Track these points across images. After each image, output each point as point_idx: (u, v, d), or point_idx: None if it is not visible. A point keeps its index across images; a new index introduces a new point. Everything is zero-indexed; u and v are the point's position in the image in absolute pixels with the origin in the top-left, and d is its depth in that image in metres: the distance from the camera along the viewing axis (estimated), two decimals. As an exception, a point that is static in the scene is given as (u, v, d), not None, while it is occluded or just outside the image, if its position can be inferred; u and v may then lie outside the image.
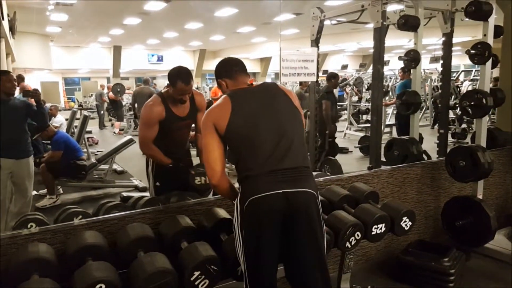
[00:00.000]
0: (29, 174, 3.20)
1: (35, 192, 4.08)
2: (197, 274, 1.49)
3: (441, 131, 3.56)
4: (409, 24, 3.06)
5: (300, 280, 1.51)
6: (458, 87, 9.81)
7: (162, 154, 2.23)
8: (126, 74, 19.11)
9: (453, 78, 10.09)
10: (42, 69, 14.73)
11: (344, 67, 13.98)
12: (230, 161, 3.84)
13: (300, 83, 6.49)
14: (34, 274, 1.38)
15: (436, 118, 8.49)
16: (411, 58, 3.24)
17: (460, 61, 16.56)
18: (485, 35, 2.64)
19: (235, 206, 1.53)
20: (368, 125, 7.51)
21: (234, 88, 1.60)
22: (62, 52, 16.04)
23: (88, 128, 6.34)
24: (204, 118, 1.56)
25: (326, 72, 13.41)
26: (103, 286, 1.32)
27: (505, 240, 2.78)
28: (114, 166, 5.21)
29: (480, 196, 2.71)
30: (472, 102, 2.63)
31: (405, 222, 2.03)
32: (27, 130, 3.20)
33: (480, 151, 2.53)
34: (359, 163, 5.79)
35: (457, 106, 6.83)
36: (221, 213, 1.82)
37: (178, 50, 18.66)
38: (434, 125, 8.66)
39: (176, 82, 2.11)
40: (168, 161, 2.23)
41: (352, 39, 14.47)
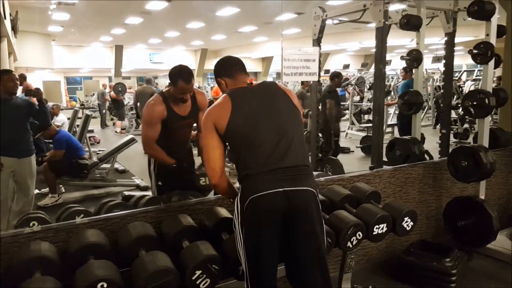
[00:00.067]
0: (31, 173, 3.21)
1: (37, 191, 4.09)
2: (198, 273, 1.49)
3: (443, 131, 3.56)
4: (411, 23, 3.05)
5: (300, 279, 1.50)
6: (460, 87, 9.78)
7: (165, 155, 2.21)
8: (127, 74, 19.15)
9: (455, 78, 10.07)
10: (44, 68, 14.77)
11: (346, 67, 13.97)
12: (231, 160, 3.84)
13: (302, 83, 6.49)
14: (36, 272, 1.38)
15: (438, 118, 8.48)
16: (413, 58, 3.23)
17: (462, 61, 16.51)
18: (487, 35, 2.63)
19: (235, 205, 1.53)
20: (369, 125, 7.51)
21: (233, 87, 1.60)
22: (64, 51, 16.08)
23: (90, 127, 6.35)
24: (204, 117, 1.55)
25: (328, 71, 13.39)
26: (105, 285, 1.32)
27: (507, 240, 2.77)
28: (116, 165, 5.22)
29: (482, 196, 2.70)
30: (474, 102, 2.63)
31: (406, 222, 2.03)
32: (29, 129, 3.22)
33: (482, 151, 2.52)
34: (361, 163, 5.78)
35: (459, 106, 6.83)
36: (222, 212, 1.82)
37: (180, 50, 18.68)
38: (436, 125, 8.64)
39: (177, 81, 2.11)
40: (171, 161, 2.21)
41: (354, 39, 14.45)
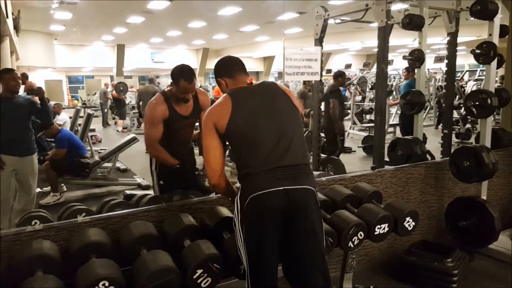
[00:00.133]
0: (33, 171, 3.22)
1: (39, 189, 4.10)
2: (199, 272, 1.49)
3: (445, 131, 3.54)
4: (413, 23, 3.04)
5: (299, 278, 1.51)
6: (463, 87, 9.75)
7: (168, 155, 2.19)
8: (129, 73, 19.17)
9: (457, 78, 10.03)
10: (46, 67, 14.82)
11: (347, 66, 13.93)
12: (232, 159, 3.85)
13: (303, 82, 6.48)
14: (38, 270, 1.39)
15: (440, 118, 8.45)
16: (416, 58, 3.22)
17: (464, 60, 16.48)
18: (490, 35, 2.62)
19: (236, 204, 1.54)
20: (371, 124, 7.50)
21: (233, 87, 1.60)
22: (66, 50, 16.12)
23: (91, 126, 6.35)
24: (204, 118, 1.56)
25: (329, 71, 13.35)
26: (106, 283, 1.32)
27: (509, 241, 2.76)
28: (118, 164, 5.23)
29: (484, 196, 2.69)
30: (476, 102, 2.62)
31: (408, 222, 2.03)
32: (31, 128, 3.22)
33: (484, 152, 2.52)
34: (362, 163, 5.77)
35: (461, 106, 6.82)
36: (223, 211, 1.82)
37: (181, 49, 18.69)
38: (438, 125, 8.62)
39: (179, 80, 2.10)
40: (175, 162, 2.19)
41: (356, 38, 14.43)
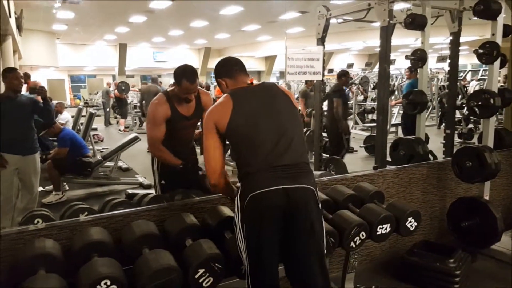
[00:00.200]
0: (35, 170, 3.23)
1: (41, 188, 4.12)
2: (201, 271, 1.49)
3: (447, 131, 3.53)
4: (416, 23, 3.03)
5: (299, 277, 1.51)
6: (465, 87, 9.72)
7: (171, 155, 2.18)
8: (131, 72, 19.20)
9: (460, 78, 10.00)
10: (48, 66, 14.85)
11: (349, 66, 13.88)
12: (233, 159, 3.84)
13: (305, 82, 6.47)
14: (40, 269, 1.39)
15: (442, 118, 8.43)
16: (418, 57, 3.22)
17: (467, 60, 16.43)
18: (493, 34, 2.61)
19: (236, 203, 1.54)
20: (373, 124, 7.48)
21: (234, 87, 1.61)
22: (68, 49, 16.15)
23: (93, 125, 6.38)
24: (205, 117, 1.57)
25: (331, 70, 13.31)
26: (108, 282, 1.33)
27: (511, 242, 2.75)
28: (120, 163, 5.24)
29: (486, 197, 2.68)
30: (479, 102, 2.61)
31: (410, 222, 2.02)
32: (34, 127, 3.23)
33: (487, 152, 2.51)
34: (364, 163, 5.76)
35: (464, 106, 6.79)
36: (225, 211, 1.82)
37: (183, 48, 18.70)
38: (440, 125, 8.60)
39: (181, 80, 2.10)
40: (178, 162, 2.17)
41: (358, 38, 14.39)
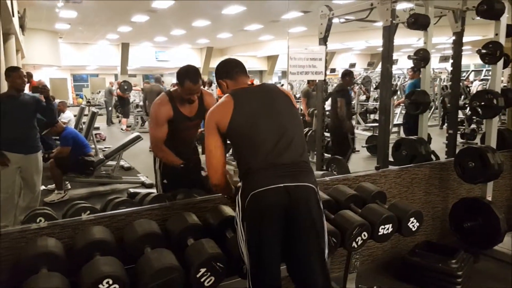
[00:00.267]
0: (37, 169, 3.24)
1: (44, 187, 4.13)
2: (203, 271, 1.49)
3: (450, 131, 3.52)
4: (419, 23, 3.02)
5: (300, 276, 1.51)
6: (468, 87, 9.69)
7: (173, 156, 2.18)
8: (133, 71, 19.23)
9: (462, 78, 9.97)
10: (51, 65, 14.89)
11: (352, 66, 13.88)
12: (235, 158, 3.84)
13: (307, 81, 6.46)
14: (43, 268, 1.39)
15: (445, 118, 8.40)
16: (421, 57, 3.20)
17: (470, 60, 16.36)
18: (496, 34, 2.60)
19: (237, 202, 1.55)
20: (375, 124, 7.47)
21: (234, 88, 1.63)
22: (71, 49, 16.19)
23: (96, 124, 6.39)
24: (207, 117, 1.59)
25: (333, 70, 13.28)
26: (110, 281, 1.33)
27: (514, 242, 2.74)
28: (122, 163, 5.25)
29: (489, 197, 2.67)
30: (482, 102, 2.60)
31: (412, 223, 2.02)
32: (36, 126, 3.24)
33: (490, 152, 2.50)
34: (366, 163, 5.75)
35: (466, 106, 6.77)
36: (227, 210, 1.82)
37: (185, 48, 18.71)
38: (443, 125, 8.57)
39: (184, 81, 2.09)
40: (179, 162, 2.17)
41: (360, 38, 14.37)
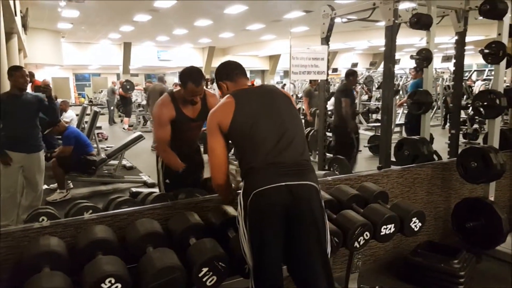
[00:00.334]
0: (40, 168, 3.25)
1: (46, 186, 4.14)
2: (205, 270, 1.49)
3: (452, 131, 3.51)
4: (421, 22, 3.01)
5: (301, 277, 1.51)
6: (471, 87, 9.66)
7: (176, 158, 2.18)
8: (135, 71, 19.26)
9: (465, 78, 9.93)
10: (53, 65, 14.95)
11: (354, 66, 13.83)
12: (236, 158, 3.84)
13: (309, 81, 6.46)
14: (45, 267, 1.40)
15: (447, 118, 8.38)
16: (423, 57, 3.19)
17: (472, 60, 16.30)
18: (499, 34, 2.59)
19: (239, 201, 1.56)
20: (377, 124, 7.45)
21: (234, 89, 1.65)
22: (73, 48, 16.24)
23: (98, 123, 6.40)
24: (209, 118, 1.60)
25: (335, 70, 13.26)
26: (113, 280, 1.33)
27: (516, 243, 2.73)
28: (124, 162, 5.26)
29: (491, 198, 2.66)
30: (485, 103, 2.59)
31: (414, 223, 2.01)
32: (38, 125, 3.25)
33: (492, 152, 2.49)
34: (368, 163, 5.73)
35: (469, 106, 6.75)
36: (229, 210, 1.82)
37: (187, 47, 18.73)
38: (445, 125, 8.55)
39: (187, 83, 2.09)
40: (179, 166, 2.18)
41: (362, 37, 14.34)
